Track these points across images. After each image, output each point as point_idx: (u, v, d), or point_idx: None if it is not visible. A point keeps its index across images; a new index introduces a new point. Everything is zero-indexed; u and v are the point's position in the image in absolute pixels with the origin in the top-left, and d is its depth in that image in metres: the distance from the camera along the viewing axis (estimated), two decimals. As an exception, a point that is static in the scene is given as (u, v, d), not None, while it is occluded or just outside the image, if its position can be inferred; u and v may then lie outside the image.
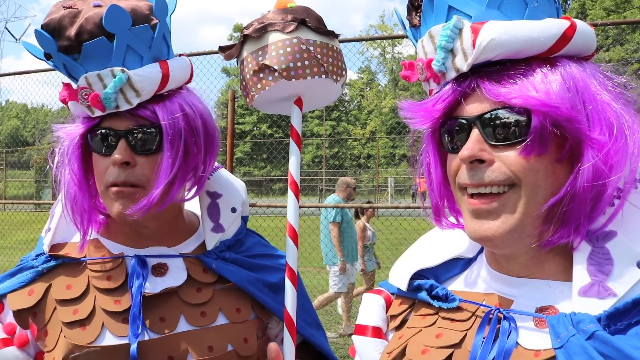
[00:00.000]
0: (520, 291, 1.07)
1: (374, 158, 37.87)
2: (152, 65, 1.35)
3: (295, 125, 1.45)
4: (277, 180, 42.18)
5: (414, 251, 1.32)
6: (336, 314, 8.88)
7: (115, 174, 1.33)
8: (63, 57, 1.31)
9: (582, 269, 0.98)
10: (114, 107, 1.32)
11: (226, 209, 1.56)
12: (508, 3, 1.03)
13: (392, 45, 66.12)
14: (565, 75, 0.98)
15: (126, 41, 1.30)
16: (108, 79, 1.29)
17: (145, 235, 1.47)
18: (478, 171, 1.01)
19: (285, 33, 1.35)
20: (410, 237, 10.39)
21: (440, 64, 1.05)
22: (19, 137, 39.18)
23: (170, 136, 1.35)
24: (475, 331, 1.07)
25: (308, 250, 12.30)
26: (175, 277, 1.43)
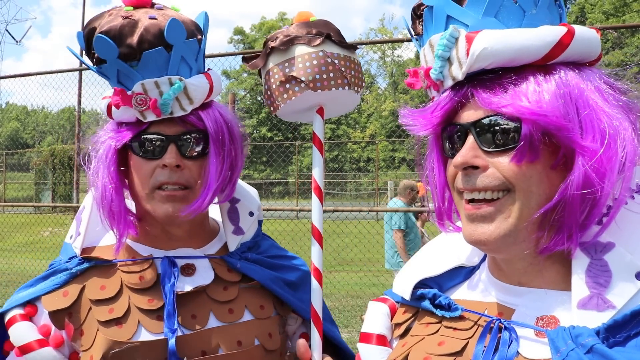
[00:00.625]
0: (522, 300, 1.07)
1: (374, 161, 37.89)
2: (200, 76, 1.47)
3: (318, 132, 1.55)
4: (276, 184, 42.18)
5: (417, 260, 1.34)
6: (335, 318, 8.86)
7: (167, 175, 1.43)
8: (120, 63, 1.38)
9: (580, 282, 0.98)
10: (169, 112, 1.41)
11: (245, 213, 1.67)
12: (505, 11, 1.03)
13: (392, 49, 66.19)
14: (560, 83, 0.99)
15: (181, 52, 1.41)
16: (165, 87, 1.39)
17: (175, 237, 1.56)
18: (472, 177, 1.04)
19: (311, 46, 1.44)
20: (410, 241, 10.20)
21: (438, 72, 1.08)
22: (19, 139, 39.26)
23: (216, 141, 1.47)
24: (476, 340, 1.08)
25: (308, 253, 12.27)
26: (203, 277, 1.52)
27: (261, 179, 45.71)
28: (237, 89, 62.21)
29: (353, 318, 8.87)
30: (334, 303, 9.83)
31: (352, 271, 11.99)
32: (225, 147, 1.49)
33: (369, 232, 10.57)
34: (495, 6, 1.03)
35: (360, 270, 11.94)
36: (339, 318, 8.87)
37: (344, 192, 41.43)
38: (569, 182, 0.96)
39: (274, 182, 42.50)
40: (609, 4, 43.38)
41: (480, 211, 1.03)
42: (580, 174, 0.95)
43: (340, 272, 11.87)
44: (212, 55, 7.55)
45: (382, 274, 11.35)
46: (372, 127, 59.90)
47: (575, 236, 1.00)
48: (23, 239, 14.24)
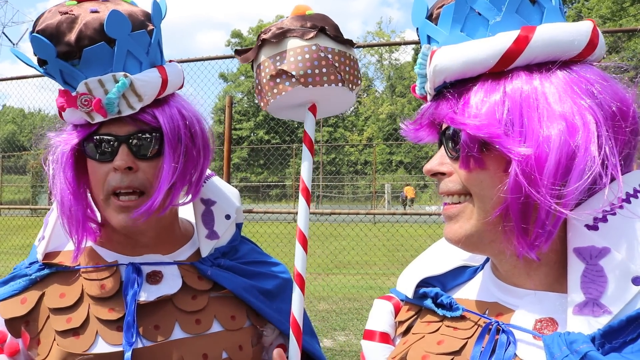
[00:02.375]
0: (522, 302, 1.08)
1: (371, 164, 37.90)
2: (151, 70, 1.36)
3: (309, 131, 1.48)
4: (274, 186, 42.16)
5: (422, 259, 1.34)
6: (332, 321, 8.86)
7: (118, 179, 1.33)
8: (61, 63, 1.29)
9: (576, 287, 0.97)
10: (116, 112, 1.32)
11: (220, 216, 1.57)
12: (470, 23, 1.05)
13: (389, 52, 66.31)
14: (509, 91, 0.99)
15: (126, 47, 1.31)
16: (110, 84, 1.29)
17: (140, 243, 1.47)
18: (441, 182, 1.11)
19: (304, 40, 1.37)
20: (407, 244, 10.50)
21: (420, 87, 1.17)
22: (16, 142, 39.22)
23: (171, 140, 1.37)
24: (475, 340, 1.08)
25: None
26: (170, 285, 1.42)
27: (258, 181, 45.66)
28: (234, 91, 62.22)
29: (350, 321, 8.86)
30: (331, 306, 9.82)
31: (350, 274, 11.98)
32: (182, 146, 1.39)
33: (366, 234, 10.56)
34: (460, 20, 1.05)
35: (358, 273, 11.93)
36: (335, 321, 8.86)
37: (341, 195, 41.44)
38: (505, 189, 0.98)
39: (271, 184, 42.46)
40: (606, 8, 43.51)
41: (447, 212, 1.10)
42: (512, 178, 0.96)
43: (337, 274, 11.85)
44: (209, 58, 7.56)
45: (379, 277, 11.34)
46: (370, 130, 59.96)
47: (523, 242, 0.99)
48: (19, 241, 14.18)
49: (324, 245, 12.66)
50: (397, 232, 9.28)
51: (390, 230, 10.10)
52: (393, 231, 9.77)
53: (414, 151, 51.13)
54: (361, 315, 9.19)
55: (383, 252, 12.16)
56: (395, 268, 11.52)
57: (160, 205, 1.37)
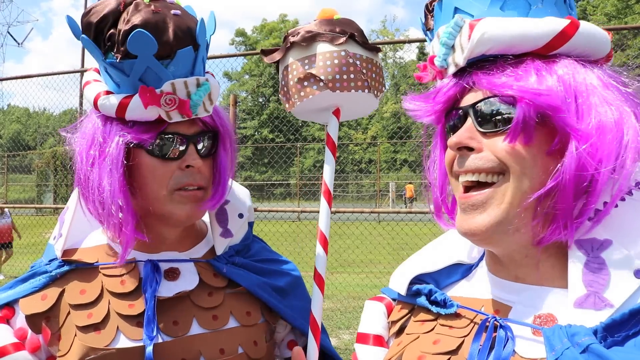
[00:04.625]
0: (519, 297, 1.05)
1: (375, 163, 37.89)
2: (214, 79, 1.47)
3: (332, 134, 1.50)
4: (278, 185, 42.19)
5: (416, 256, 1.33)
6: (337, 320, 8.86)
7: (189, 177, 1.40)
8: (153, 61, 1.31)
9: (577, 280, 0.96)
10: (195, 114, 1.38)
11: (234, 214, 1.60)
12: (511, 3, 1.04)
13: (393, 50, 66.22)
14: (559, 70, 0.99)
15: (203, 53, 1.41)
16: (192, 87, 1.36)
17: (165, 240, 1.51)
18: (465, 158, 1.04)
19: (333, 45, 1.38)
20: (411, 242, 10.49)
21: (442, 59, 1.10)
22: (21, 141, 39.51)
23: (225, 139, 1.49)
24: (472, 338, 1.06)
25: (310, 255, 12.28)
26: (188, 281, 1.46)
27: (262, 180, 45.71)
28: (238, 90, 62.28)
29: (355, 319, 8.86)
30: (336, 304, 9.83)
31: (354, 272, 11.98)
32: (231, 146, 1.52)
33: (371, 233, 10.57)
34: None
35: (362, 271, 11.92)
36: (340, 319, 8.87)
37: (345, 194, 41.42)
38: (563, 167, 0.95)
39: (276, 183, 42.50)
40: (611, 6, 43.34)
41: (471, 199, 1.03)
42: (573, 158, 0.94)
43: (342, 273, 11.85)
44: (214, 56, 7.56)
45: (383, 276, 11.34)
46: (374, 128, 59.90)
47: (571, 226, 0.98)
48: (25, 240, 14.24)
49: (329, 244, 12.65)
50: (402, 230, 9.27)
51: (394, 229, 10.09)
52: (397, 229, 9.75)
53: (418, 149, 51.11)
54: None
55: (387, 251, 12.15)
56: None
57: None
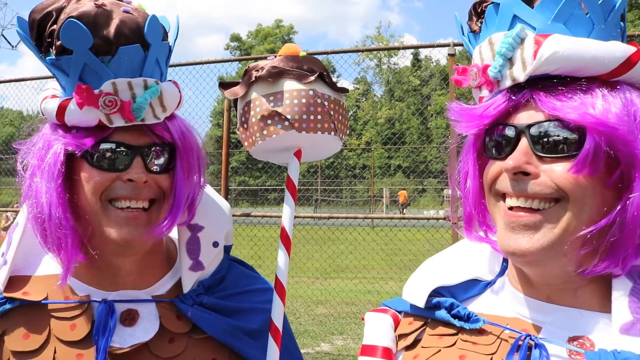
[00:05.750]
0: (550, 318, 1.02)
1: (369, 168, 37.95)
2: (171, 84, 1.31)
3: (293, 176, 1.42)
4: (272, 190, 42.07)
5: (431, 267, 1.26)
6: (330, 325, 8.84)
7: (130, 190, 1.22)
8: (91, 56, 1.17)
9: (623, 306, 0.94)
10: (141, 119, 1.22)
11: (207, 243, 1.41)
12: (575, 20, 1.00)
13: (388, 57, 66.39)
14: (625, 100, 0.95)
15: (157, 54, 1.25)
16: (139, 89, 1.21)
17: (121, 272, 1.32)
18: (521, 182, 0.99)
19: (302, 83, 1.31)
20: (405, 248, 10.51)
21: (497, 70, 1.04)
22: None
23: (183, 155, 1.29)
24: (503, 357, 1.02)
25: (303, 261, 12.27)
26: (146, 328, 1.28)
27: (256, 185, 45.63)
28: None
29: (348, 325, 8.85)
30: (329, 310, 9.80)
31: (347, 278, 11.96)
32: (191, 162, 1.31)
33: (364, 239, 10.56)
34: (566, 14, 0.99)
35: (355, 277, 11.91)
36: (333, 325, 8.85)
37: (339, 199, 41.40)
38: (630, 202, 0.92)
39: (269, 188, 42.39)
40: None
41: (523, 219, 0.98)
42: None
43: (335, 278, 11.83)
44: (208, 61, 7.56)
45: (377, 281, 11.33)
46: (368, 134, 60.00)
47: (630, 259, 0.96)
48: (17, 244, 14.16)
49: (322, 249, 12.63)
50: (395, 236, 9.28)
51: (388, 235, 10.11)
52: (391, 235, 9.77)
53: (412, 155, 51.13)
54: (359, 319, 9.17)
55: (381, 256, 12.13)
56: (393, 272, 11.51)
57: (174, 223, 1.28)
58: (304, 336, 8.22)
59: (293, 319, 9.21)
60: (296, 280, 11.93)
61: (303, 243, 10.30)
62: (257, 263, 9.56)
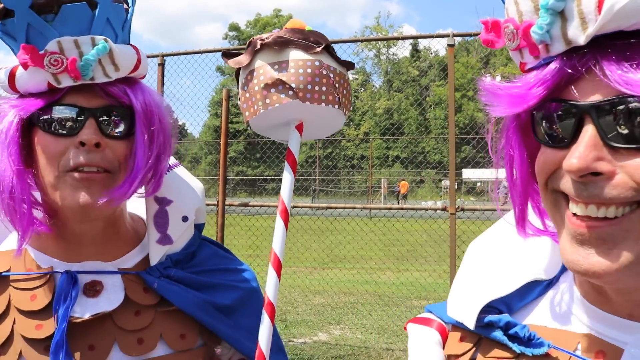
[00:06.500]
0: (635, 338, 0.81)
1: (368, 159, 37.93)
2: (126, 46, 1.26)
3: (293, 150, 1.38)
4: (270, 180, 42.11)
5: (479, 274, 1.04)
6: (328, 315, 8.88)
7: (84, 156, 1.16)
8: (33, 15, 1.14)
9: None
10: (90, 78, 1.17)
11: (176, 217, 1.38)
12: None
13: (386, 47, 66.23)
14: None
15: (107, 14, 1.21)
16: (86, 47, 1.16)
17: (83, 242, 1.28)
18: (591, 185, 0.73)
19: (308, 53, 1.29)
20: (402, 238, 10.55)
21: (544, 31, 0.75)
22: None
23: (143, 120, 1.23)
24: None
25: (301, 250, 12.29)
26: (110, 299, 1.24)
27: (255, 175, 45.64)
28: (231, 85, 62.07)
29: (345, 315, 8.88)
30: (327, 300, 9.84)
31: (345, 268, 12.00)
32: (154, 130, 1.25)
33: (362, 229, 10.58)
34: None
35: (353, 267, 11.95)
36: (331, 315, 8.88)
37: (337, 190, 41.44)
38: None
39: (268, 178, 42.42)
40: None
41: (597, 231, 0.74)
42: None
43: (333, 269, 11.87)
44: (207, 50, 7.53)
45: (374, 271, 11.36)
46: (366, 124, 59.99)
47: None
48: (15, 233, 14.18)
49: (320, 240, 12.65)
50: (393, 226, 9.30)
51: (386, 225, 10.12)
52: (389, 226, 9.79)
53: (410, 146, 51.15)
54: (356, 309, 9.21)
55: (379, 247, 12.17)
56: (390, 262, 11.55)
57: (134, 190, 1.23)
58: (302, 326, 8.25)
59: (291, 308, 9.25)
60: (294, 270, 11.95)
61: (301, 233, 10.32)
62: (255, 253, 9.59)
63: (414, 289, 9.89)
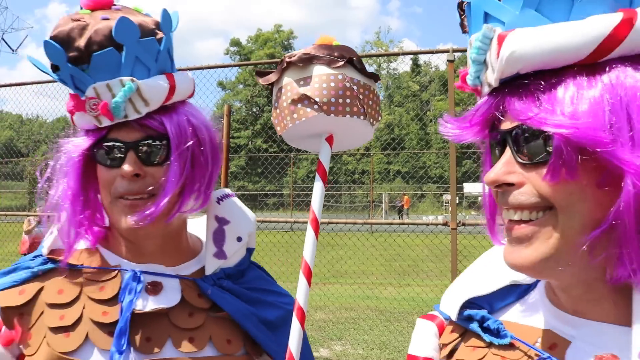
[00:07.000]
0: (579, 332, 0.96)
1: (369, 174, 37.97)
2: (159, 77, 1.38)
3: (324, 161, 1.44)
4: (271, 195, 42.15)
5: (467, 276, 1.22)
6: (329, 330, 8.82)
7: (125, 186, 1.33)
8: (71, 68, 1.32)
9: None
10: (123, 116, 1.32)
11: (232, 237, 1.54)
12: (547, 3, 0.86)
13: (387, 62, 66.54)
14: (607, 87, 0.82)
15: (134, 53, 1.33)
16: (117, 89, 1.31)
17: (146, 250, 1.45)
18: (506, 193, 0.92)
19: (331, 68, 1.35)
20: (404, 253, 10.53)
21: (474, 77, 0.96)
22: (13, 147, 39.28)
23: (178, 146, 1.36)
24: None
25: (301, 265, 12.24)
26: (168, 298, 1.39)
27: (256, 190, 45.65)
28: (232, 100, 62.34)
29: (347, 330, 8.83)
30: (328, 315, 9.79)
31: (346, 283, 11.95)
32: (189, 152, 1.38)
33: (363, 244, 10.57)
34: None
35: (355, 282, 11.90)
36: (332, 330, 8.83)
37: (338, 204, 41.39)
38: (619, 206, 0.81)
39: (269, 193, 42.46)
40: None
41: (516, 231, 0.91)
42: (630, 196, 0.79)
43: (334, 284, 11.82)
44: (208, 66, 7.58)
45: (376, 286, 11.31)
46: (367, 139, 60.03)
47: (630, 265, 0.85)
48: (16, 248, 14.13)
49: (321, 255, 12.63)
50: (394, 241, 9.27)
51: (387, 240, 10.09)
52: (390, 241, 9.76)
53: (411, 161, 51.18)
54: (357, 324, 9.16)
55: (380, 262, 12.13)
56: (392, 277, 11.49)
57: (167, 210, 1.36)
58: (303, 341, 8.20)
59: (292, 324, 9.19)
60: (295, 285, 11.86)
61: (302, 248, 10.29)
62: (256, 268, 9.55)
63: (415, 304, 9.84)
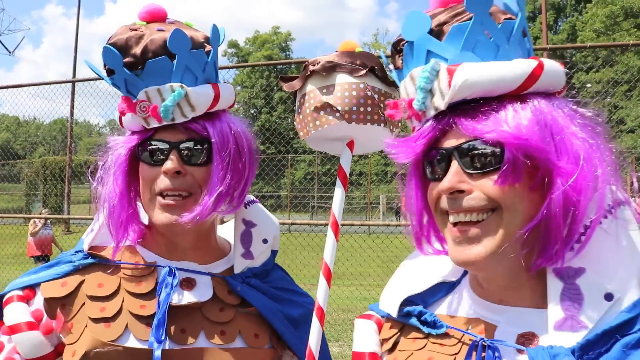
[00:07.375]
0: (503, 317, 1.14)
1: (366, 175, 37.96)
2: (205, 86, 1.49)
3: (345, 166, 1.50)
4: (269, 197, 42.13)
5: (401, 277, 1.39)
6: (326, 332, 8.82)
7: (167, 182, 1.45)
8: (126, 72, 1.45)
9: (556, 305, 1.06)
10: (170, 119, 1.44)
11: (258, 238, 1.65)
12: (481, 46, 1.11)
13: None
14: (534, 110, 1.06)
15: (185, 62, 1.45)
16: (167, 94, 1.43)
17: (179, 247, 1.56)
18: (458, 200, 1.09)
19: (353, 77, 1.39)
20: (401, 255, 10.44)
21: (421, 103, 1.14)
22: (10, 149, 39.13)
23: (219, 150, 1.47)
24: (463, 357, 1.14)
25: (299, 267, 12.23)
26: (201, 293, 1.50)
27: (253, 191, 45.56)
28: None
29: (344, 332, 8.84)
30: (325, 317, 9.78)
31: (344, 285, 11.94)
32: (230, 157, 1.49)
33: (361, 246, 10.54)
34: (472, 42, 1.10)
35: (352, 284, 11.89)
36: (329, 332, 8.84)
37: (336, 206, 41.34)
38: (551, 201, 1.03)
39: (266, 195, 42.43)
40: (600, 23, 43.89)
41: (467, 233, 1.09)
42: (560, 193, 1.02)
43: (332, 285, 11.76)
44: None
45: (373, 288, 11.31)
46: (365, 141, 60.04)
47: (561, 252, 1.07)
48: (12, 250, 14.10)
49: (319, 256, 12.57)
50: (392, 243, 9.26)
51: (384, 242, 10.08)
52: (387, 242, 9.74)
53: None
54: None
55: (377, 264, 12.11)
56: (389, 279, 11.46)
57: (210, 209, 1.46)
58: (300, 343, 8.20)
59: (289, 326, 9.19)
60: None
61: (300, 250, 10.30)
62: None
63: (413, 306, 9.82)
